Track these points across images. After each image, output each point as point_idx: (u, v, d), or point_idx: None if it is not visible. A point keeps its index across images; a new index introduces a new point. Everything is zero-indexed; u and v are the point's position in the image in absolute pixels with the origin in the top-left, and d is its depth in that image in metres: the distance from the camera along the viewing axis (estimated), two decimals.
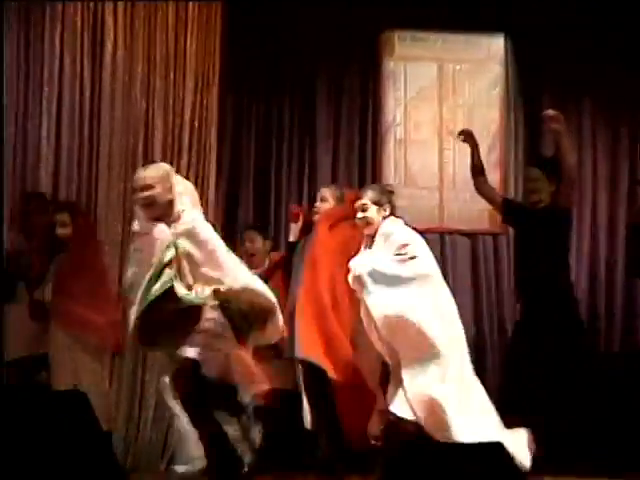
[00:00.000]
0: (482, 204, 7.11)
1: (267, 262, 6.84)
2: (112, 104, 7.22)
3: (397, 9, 7.70)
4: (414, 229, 5.74)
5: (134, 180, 5.26)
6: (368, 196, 5.69)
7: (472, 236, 7.86)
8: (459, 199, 7.77)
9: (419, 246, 5.61)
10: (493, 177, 7.38)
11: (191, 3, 7.34)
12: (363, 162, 7.84)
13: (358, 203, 5.68)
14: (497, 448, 4.29)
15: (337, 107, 7.86)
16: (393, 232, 5.61)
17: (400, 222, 5.72)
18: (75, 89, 7.15)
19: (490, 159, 7.58)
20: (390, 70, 7.89)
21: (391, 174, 7.77)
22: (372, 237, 5.67)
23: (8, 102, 6.92)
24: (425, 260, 5.57)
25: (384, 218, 5.67)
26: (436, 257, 5.75)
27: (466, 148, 6.76)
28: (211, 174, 7.45)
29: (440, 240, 7.72)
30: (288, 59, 7.81)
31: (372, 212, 5.66)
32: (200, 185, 7.41)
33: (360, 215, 5.67)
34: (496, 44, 7.95)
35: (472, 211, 7.73)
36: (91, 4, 7.16)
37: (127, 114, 7.25)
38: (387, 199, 5.71)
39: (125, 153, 7.24)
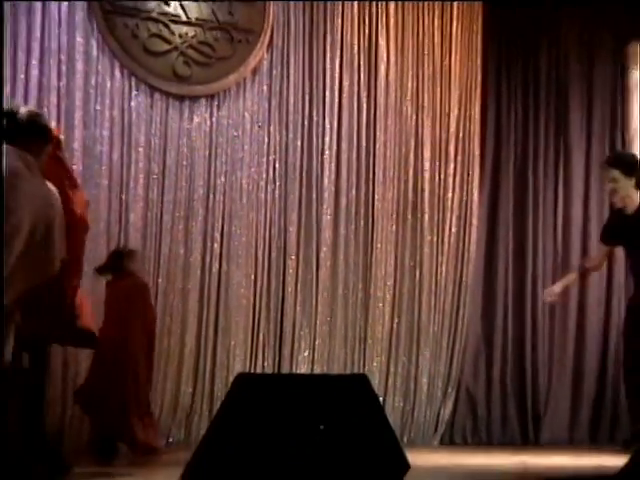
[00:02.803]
0: None
1: None
2: (386, 117, 8.04)
3: None
4: None
5: None
6: None
7: None
8: None
9: None
10: None
11: (454, 24, 8.17)
12: None
13: None
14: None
15: (588, 116, 8.51)
16: None
17: None
18: (353, 104, 7.97)
19: None
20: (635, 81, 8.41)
21: None
22: None
23: (293, 118, 7.76)
24: None
25: None
26: None
27: None
28: (474, 179, 8.24)
29: None
30: (542, 73, 8.50)
31: None
32: (465, 189, 8.14)
33: None
34: None
35: None
36: (366, 30, 8.00)
37: (399, 126, 8.07)
38: None
39: (398, 161, 8.00)
